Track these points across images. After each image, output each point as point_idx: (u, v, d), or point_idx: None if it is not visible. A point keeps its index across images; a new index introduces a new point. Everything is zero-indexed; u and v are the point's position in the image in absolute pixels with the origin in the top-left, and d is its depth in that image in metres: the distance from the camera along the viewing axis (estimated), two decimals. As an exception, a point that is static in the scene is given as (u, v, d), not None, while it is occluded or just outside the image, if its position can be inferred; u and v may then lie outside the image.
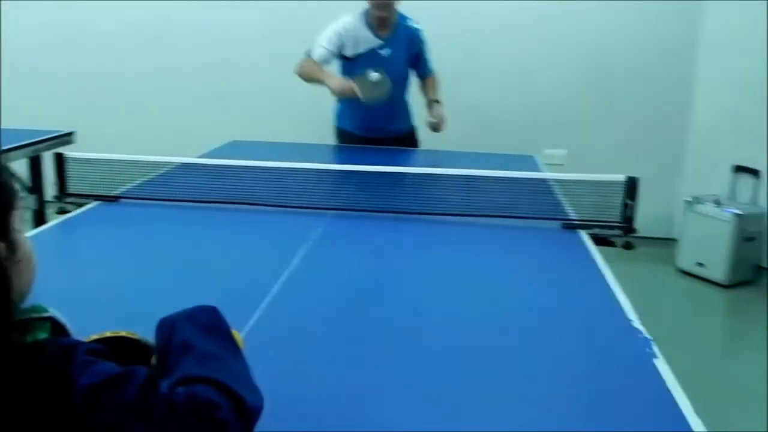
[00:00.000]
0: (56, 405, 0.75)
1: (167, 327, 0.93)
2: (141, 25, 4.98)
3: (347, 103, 3.66)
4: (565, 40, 4.68)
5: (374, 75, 3.45)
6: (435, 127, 3.63)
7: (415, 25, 3.69)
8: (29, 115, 4.55)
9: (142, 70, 5.05)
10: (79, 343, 0.81)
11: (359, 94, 3.35)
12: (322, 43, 3.55)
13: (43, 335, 0.80)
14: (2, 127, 3.87)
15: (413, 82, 3.80)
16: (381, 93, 3.43)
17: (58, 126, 3.91)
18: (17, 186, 0.86)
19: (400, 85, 3.71)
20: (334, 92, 3.47)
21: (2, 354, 0.75)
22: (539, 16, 4.65)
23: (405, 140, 3.84)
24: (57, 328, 0.83)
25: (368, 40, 3.57)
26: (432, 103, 3.68)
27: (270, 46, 4.80)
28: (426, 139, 3.87)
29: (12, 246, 0.81)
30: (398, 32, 3.63)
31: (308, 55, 3.56)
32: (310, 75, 3.56)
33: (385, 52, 3.58)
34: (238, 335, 1.00)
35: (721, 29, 4.39)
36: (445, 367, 1.39)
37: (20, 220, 0.85)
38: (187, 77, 5.02)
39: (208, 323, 0.94)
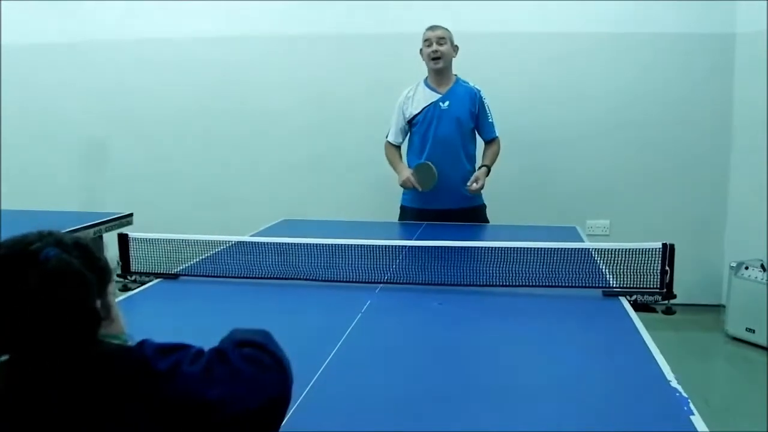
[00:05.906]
0: (142, 387, 1.01)
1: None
2: (188, 113, 5.16)
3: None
4: (606, 111, 4.80)
5: (423, 162, 3.83)
6: (468, 188, 3.81)
7: (475, 86, 3.93)
8: (89, 197, 4.84)
9: (193, 152, 5.23)
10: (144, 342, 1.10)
11: (417, 185, 3.79)
12: (391, 122, 3.98)
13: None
14: (68, 210, 4.16)
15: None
16: (432, 177, 3.79)
17: (113, 207, 4.17)
18: (111, 264, 1.11)
19: (461, 143, 3.87)
20: (399, 183, 3.92)
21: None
22: (580, 88, 4.79)
23: (472, 216, 3.86)
24: None
25: (427, 96, 3.88)
26: (481, 167, 3.89)
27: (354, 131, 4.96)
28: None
29: (107, 306, 1.10)
30: (457, 89, 3.90)
31: (387, 137, 4.01)
32: (389, 161, 4.01)
33: (444, 104, 3.84)
34: None
35: (758, 95, 4.45)
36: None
37: (114, 289, 1.15)
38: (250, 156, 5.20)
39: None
